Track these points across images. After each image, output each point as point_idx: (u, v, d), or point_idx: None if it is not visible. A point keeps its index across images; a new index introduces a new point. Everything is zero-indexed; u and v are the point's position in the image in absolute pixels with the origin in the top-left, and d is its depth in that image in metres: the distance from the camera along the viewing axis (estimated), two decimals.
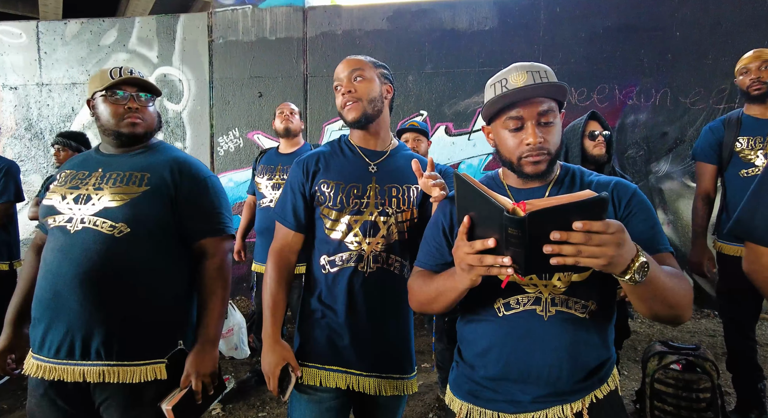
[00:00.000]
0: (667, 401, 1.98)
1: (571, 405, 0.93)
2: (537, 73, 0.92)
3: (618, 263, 0.71)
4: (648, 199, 0.98)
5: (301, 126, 2.72)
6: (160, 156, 1.28)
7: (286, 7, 4.22)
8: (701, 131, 2.31)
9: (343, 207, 1.21)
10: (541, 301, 0.94)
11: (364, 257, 1.21)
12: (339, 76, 1.25)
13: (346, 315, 1.21)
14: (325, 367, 1.21)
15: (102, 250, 1.14)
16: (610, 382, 0.97)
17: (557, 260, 0.69)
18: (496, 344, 0.96)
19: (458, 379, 1.05)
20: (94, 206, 1.17)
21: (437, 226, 1.06)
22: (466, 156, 4.09)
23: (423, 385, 2.69)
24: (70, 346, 1.13)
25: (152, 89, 1.28)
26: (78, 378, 1.12)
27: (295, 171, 1.28)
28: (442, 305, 0.96)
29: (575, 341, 0.93)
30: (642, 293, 0.79)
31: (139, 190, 1.19)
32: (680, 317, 0.85)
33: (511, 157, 0.95)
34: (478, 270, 0.78)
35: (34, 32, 4.50)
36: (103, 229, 1.15)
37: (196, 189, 1.26)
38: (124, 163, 1.25)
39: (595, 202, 0.67)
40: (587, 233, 0.67)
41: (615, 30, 3.83)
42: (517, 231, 0.68)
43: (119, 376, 1.13)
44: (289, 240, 1.27)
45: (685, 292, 0.84)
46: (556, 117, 0.94)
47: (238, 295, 4.33)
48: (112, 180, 1.21)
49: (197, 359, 1.20)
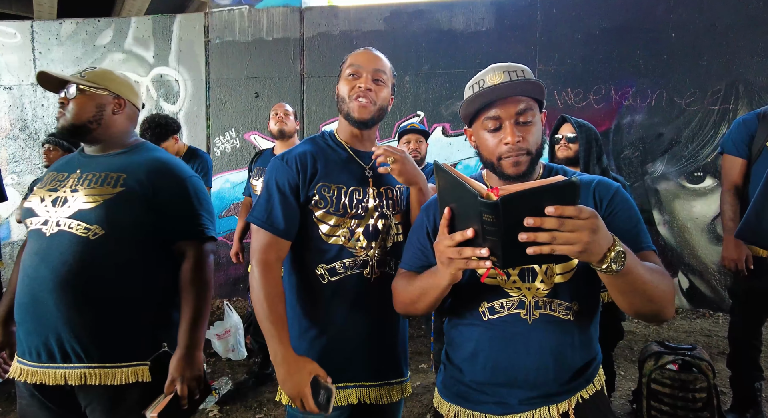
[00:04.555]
0: (664, 401, 2.00)
1: (557, 406, 0.94)
2: (514, 72, 0.92)
3: (594, 251, 0.71)
4: (631, 198, 0.98)
5: (297, 127, 2.71)
6: (139, 157, 1.26)
7: (282, 7, 4.21)
8: (732, 123, 2.17)
9: (346, 212, 1.15)
10: (524, 304, 0.94)
11: (369, 263, 1.17)
12: (360, 65, 1.17)
13: (349, 326, 1.16)
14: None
15: (77, 252, 1.12)
16: (596, 382, 0.98)
17: (533, 249, 0.69)
18: (483, 348, 0.97)
19: (446, 381, 1.05)
20: (70, 208, 1.16)
21: (421, 228, 1.06)
22: (463, 157, 4.09)
23: (421, 386, 2.69)
24: (50, 349, 1.12)
25: (69, 81, 1.26)
26: (60, 381, 1.12)
27: (285, 170, 1.15)
28: (425, 305, 0.96)
29: (560, 343, 0.93)
30: (621, 285, 0.79)
31: (113, 191, 1.17)
32: (661, 313, 0.85)
33: (491, 157, 0.95)
34: (457, 263, 0.78)
35: (28, 32, 4.47)
36: (77, 231, 1.14)
37: (175, 190, 1.23)
38: (102, 164, 1.23)
39: (566, 186, 0.68)
40: (560, 218, 0.68)
41: (611, 31, 3.84)
42: (492, 217, 0.69)
43: (101, 378, 1.12)
44: (279, 249, 1.13)
45: (666, 288, 0.84)
46: (535, 116, 0.93)
47: (235, 296, 4.32)
48: (88, 181, 1.19)
49: (181, 363, 1.17)
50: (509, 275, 0.95)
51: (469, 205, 0.73)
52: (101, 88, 1.26)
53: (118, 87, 1.29)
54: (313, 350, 1.15)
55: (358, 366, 1.17)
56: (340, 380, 1.14)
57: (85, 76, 1.26)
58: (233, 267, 4.23)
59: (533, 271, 0.95)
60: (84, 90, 1.24)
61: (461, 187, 0.74)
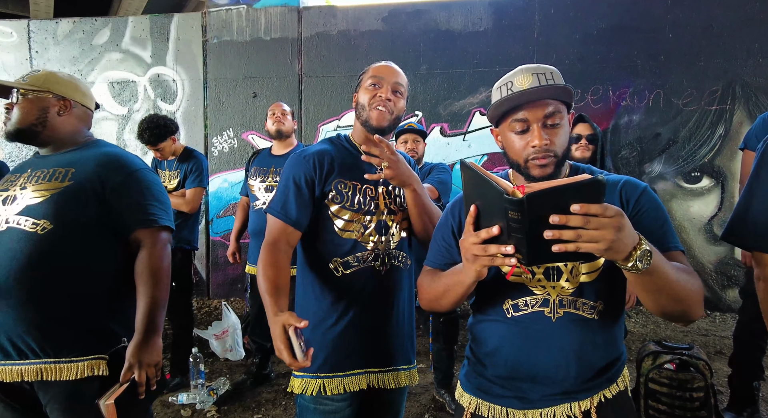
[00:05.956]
0: (662, 401, 2.00)
1: (579, 403, 0.94)
2: (543, 75, 0.92)
3: (619, 249, 0.71)
4: (658, 198, 0.98)
5: (294, 127, 2.70)
6: (89, 152, 1.27)
7: (280, 7, 4.21)
8: (756, 119, 2.15)
9: (360, 208, 1.23)
10: (549, 302, 0.94)
11: (380, 256, 1.24)
12: (382, 76, 1.24)
13: (362, 316, 1.22)
14: (346, 373, 1.20)
15: (26, 248, 1.12)
16: (620, 382, 0.98)
17: (558, 247, 0.69)
18: (505, 345, 0.98)
19: (468, 375, 1.07)
20: (18, 205, 1.17)
21: (446, 226, 1.08)
22: (461, 157, 4.09)
23: (419, 385, 2.69)
24: (4, 347, 1.12)
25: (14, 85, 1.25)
26: (17, 378, 1.12)
27: (302, 166, 1.22)
28: (451, 301, 0.97)
29: (583, 342, 0.94)
30: (647, 284, 0.79)
31: (61, 186, 1.18)
32: (688, 313, 0.85)
33: (518, 159, 0.95)
34: (482, 260, 0.79)
35: (25, 31, 4.45)
36: (25, 227, 1.14)
37: (124, 182, 1.23)
38: (51, 162, 1.25)
39: (592, 184, 0.68)
40: (586, 216, 0.68)
41: (609, 31, 3.85)
42: (517, 215, 0.69)
43: (57, 373, 1.12)
44: (289, 237, 1.19)
45: (694, 288, 0.84)
46: (562, 119, 0.94)
47: (233, 296, 4.31)
48: (36, 178, 1.21)
49: (138, 349, 1.16)
50: (534, 273, 0.95)
51: (494, 202, 0.73)
52: (43, 91, 1.26)
53: (61, 88, 1.28)
54: (326, 340, 1.21)
55: (368, 354, 1.23)
56: (352, 368, 1.21)
57: (27, 79, 1.27)
58: (231, 267, 4.22)
59: (558, 270, 0.95)
60: (25, 94, 1.25)
61: (487, 185, 0.74)
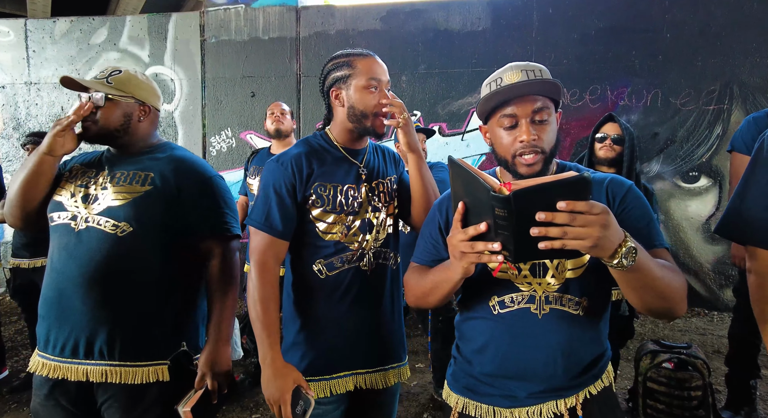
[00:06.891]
0: (660, 400, 2.01)
1: (565, 400, 0.94)
2: (532, 71, 0.93)
3: (604, 246, 0.71)
4: (644, 196, 0.98)
5: (293, 126, 2.69)
6: (163, 156, 1.28)
7: (279, 6, 4.20)
8: (742, 121, 2.17)
9: (342, 209, 1.19)
10: (535, 299, 0.95)
11: (365, 255, 1.20)
12: (378, 76, 1.18)
13: (349, 316, 1.19)
14: (333, 376, 1.18)
15: (105, 249, 1.14)
16: (604, 378, 0.99)
17: (545, 244, 0.69)
18: (492, 342, 0.98)
19: (456, 374, 1.06)
20: (99, 205, 1.18)
21: (433, 223, 1.07)
22: (460, 156, 4.09)
23: (417, 385, 2.69)
24: (74, 345, 1.13)
25: (96, 87, 1.22)
26: (81, 377, 1.13)
27: (281, 172, 1.17)
28: (437, 298, 0.98)
29: (569, 338, 0.94)
30: (632, 281, 0.80)
31: (141, 190, 1.19)
32: (673, 310, 0.86)
33: (505, 155, 0.95)
34: (469, 257, 0.80)
35: (22, 30, 4.44)
36: (106, 228, 1.16)
37: (199, 189, 1.25)
38: (129, 163, 1.25)
39: (578, 182, 0.69)
40: (572, 214, 0.68)
41: (607, 31, 3.86)
42: (504, 212, 0.69)
43: (121, 376, 1.14)
44: (277, 250, 1.15)
45: (678, 285, 0.85)
46: (551, 115, 0.94)
47: None
48: (116, 179, 1.21)
49: (211, 358, 1.20)
50: (520, 269, 0.96)
51: (481, 199, 0.74)
52: (128, 96, 1.25)
53: (143, 93, 1.28)
54: (311, 343, 1.18)
55: (356, 355, 1.20)
56: (338, 370, 1.18)
57: (111, 82, 1.24)
58: None
59: (544, 266, 0.95)
60: (112, 98, 1.23)
61: (474, 182, 0.74)
